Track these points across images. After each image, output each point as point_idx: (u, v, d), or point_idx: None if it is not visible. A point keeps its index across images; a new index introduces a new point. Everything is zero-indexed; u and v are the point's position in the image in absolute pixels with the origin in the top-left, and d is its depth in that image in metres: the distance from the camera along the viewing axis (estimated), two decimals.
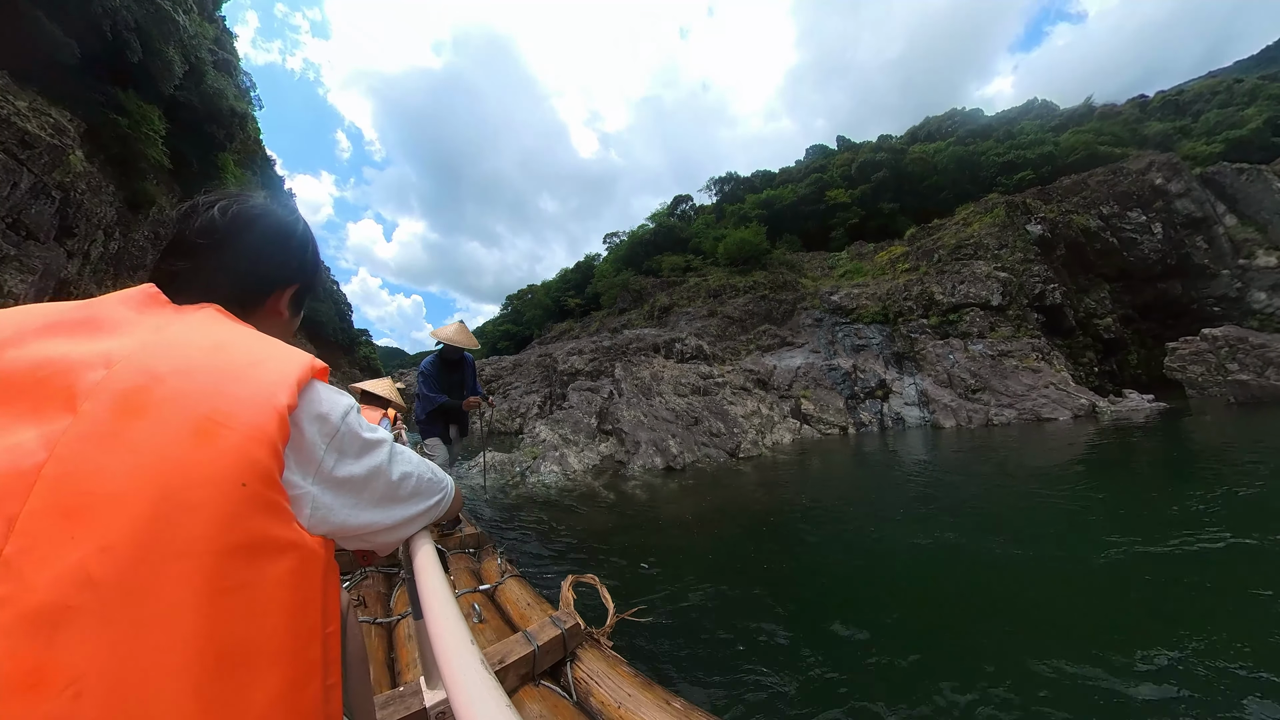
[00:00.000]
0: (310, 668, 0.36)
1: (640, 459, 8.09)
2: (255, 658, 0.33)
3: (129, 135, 16.24)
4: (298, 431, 0.41)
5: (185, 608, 0.31)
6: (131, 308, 0.45)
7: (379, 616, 1.85)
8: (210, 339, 0.43)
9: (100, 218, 15.82)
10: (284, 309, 0.59)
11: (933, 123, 39.74)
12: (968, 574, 3.80)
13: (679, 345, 15.81)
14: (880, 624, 3.04)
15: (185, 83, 18.26)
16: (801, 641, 2.86)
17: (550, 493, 7.44)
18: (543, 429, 8.47)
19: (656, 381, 10.23)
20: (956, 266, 19.72)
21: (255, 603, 0.34)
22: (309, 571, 0.38)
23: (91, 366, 0.37)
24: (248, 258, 0.54)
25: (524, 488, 7.78)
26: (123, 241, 17.10)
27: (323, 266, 0.67)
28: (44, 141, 12.36)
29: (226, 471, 0.34)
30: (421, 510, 0.57)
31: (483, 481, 7.58)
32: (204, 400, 0.36)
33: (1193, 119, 34.60)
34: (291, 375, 0.41)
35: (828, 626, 3.02)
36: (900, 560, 4.16)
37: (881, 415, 14.69)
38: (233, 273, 0.53)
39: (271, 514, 0.36)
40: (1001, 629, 2.92)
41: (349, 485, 0.46)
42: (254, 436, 0.36)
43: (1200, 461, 7.04)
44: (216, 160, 20.64)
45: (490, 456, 8.62)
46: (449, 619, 0.47)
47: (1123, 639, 2.66)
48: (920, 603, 3.37)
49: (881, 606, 3.32)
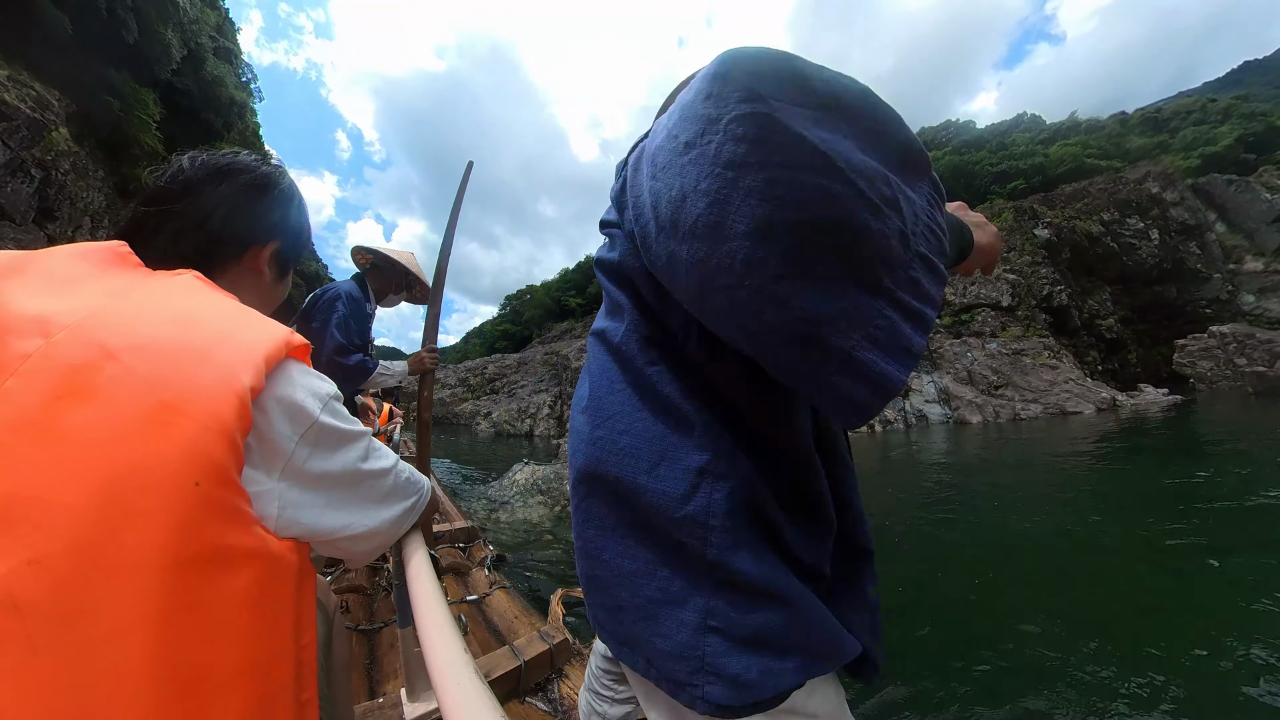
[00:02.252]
0: (280, 686, 0.32)
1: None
2: (216, 681, 0.29)
3: (121, 118, 15.42)
4: (263, 418, 0.34)
5: (131, 632, 0.26)
6: (90, 263, 0.38)
7: (360, 623, 1.74)
8: (177, 309, 0.36)
9: (86, 202, 14.90)
10: (264, 267, 0.53)
11: (928, 133, 41.05)
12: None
13: None
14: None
15: (183, 68, 17.56)
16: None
17: None
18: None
19: None
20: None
21: (215, 621, 0.29)
22: (276, 581, 0.33)
23: (22, 333, 0.31)
24: (220, 207, 0.48)
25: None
26: (111, 229, 16.15)
27: (308, 230, 0.60)
28: (22, 114, 11.56)
29: (178, 468, 0.29)
30: (398, 513, 0.51)
31: (536, 512, 5.14)
32: (159, 382, 0.30)
33: (1170, 135, 36.49)
34: (259, 352, 0.35)
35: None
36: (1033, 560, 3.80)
37: (905, 413, 14.61)
38: (202, 222, 0.47)
39: (229, 519, 0.31)
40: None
41: (321, 482, 0.39)
42: (209, 425, 0.30)
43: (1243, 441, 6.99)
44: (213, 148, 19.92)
45: (530, 470, 6.37)
46: (443, 628, 0.44)
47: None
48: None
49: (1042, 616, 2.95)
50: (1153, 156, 31.05)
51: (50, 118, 12.77)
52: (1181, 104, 40.03)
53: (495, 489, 6.13)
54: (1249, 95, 38.97)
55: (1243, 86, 65.21)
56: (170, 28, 16.24)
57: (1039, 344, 16.85)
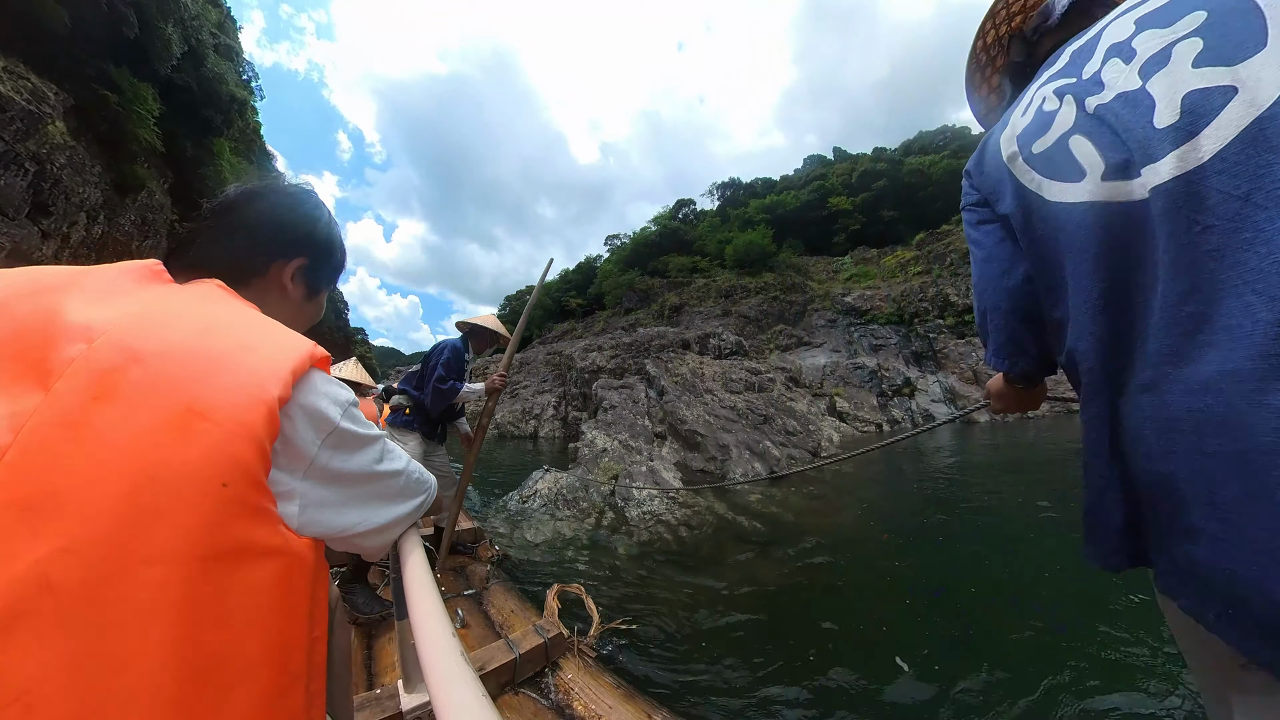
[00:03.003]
0: (294, 676, 0.34)
1: (738, 466, 6.29)
2: (234, 669, 0.31)
3: (119, 113, 15.21)
4: (290, 425, 0.38)
5: (156, 617, 0.28)
6: (130, 278, 0.42)
7: (358, 616, 1.82)
8: (203, 318, 0.39)
9: (83, 198, 14.63)
10: (288, 283, 0.56)
11: (925, 137, 41.49)
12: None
13: (714, 341, 15.37)
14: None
15: (183, 63, 17.38)
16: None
17: (679, 531, 4.50)
18: (597, 435, 6.68)
19: (698, 378, 9.62)
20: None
21: (235, 612, 0.31)
22: (295, 577, 0.35)
23: (73, 339, 0.34)
24: (248, 223, 0.53)
25: (630, 526, 4.71)
26: (108, 226, 15.83)
27: (341, 252, 0.62)
28: (17, 105, 11.33)
29: (206, 470, 0.31)
30: (409, 510, 0.54)
31: (568, 527, 4.65)
32: (185, 388, 0.33)
33: None
34: (286, 365, 0.38)
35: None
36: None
37: (911, 413, 14.64)
38: (231, 237, 0.51)
39: (255, 517, 0.33)
40: None
41: (340, 481, 0.43)
42: (238, 432, 0.33)
43: None
44: (212, 146, 19.62)
45: (552, 479, 5.73)
46: (435, 620, 0.46)
47: None
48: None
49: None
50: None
51: (47, 111, 12.54)
52: None
53: (515, 501, 5.47)
54: None
55: None
56: (171, 23, 16.07)
57: None
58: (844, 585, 3.32)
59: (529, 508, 5.21)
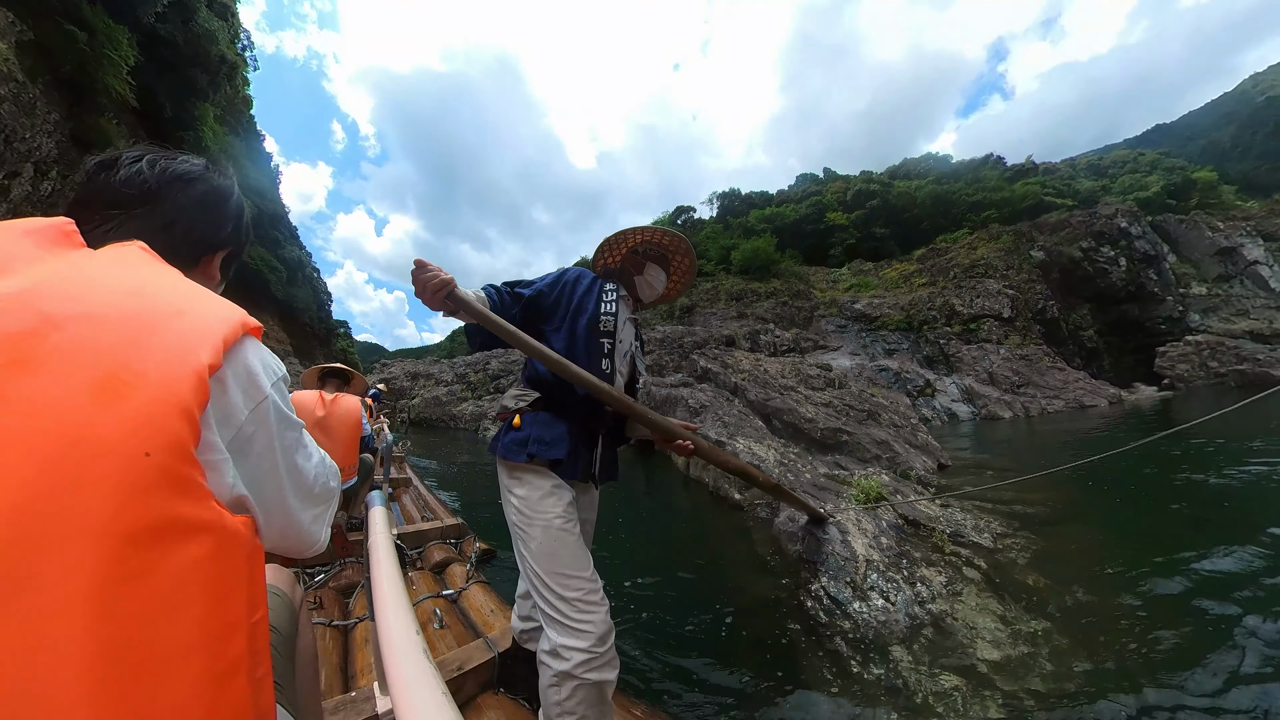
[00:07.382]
0: (234, 661, 0.32)
1: (912, 460, 5.22)
2: (164, 655, 0.28)
3: (87, 55, 13.24)
4: (221, 392, 0.36)
5: (76, 600, 0.26)
6: (35, 240, 0.38)
7: (335, 619, 1.79)
8: (129, 281, 0.37)
9: (31, 147, 12.52)
10: (216, 273, 0.56)
11: (910, 163, 44.42)
12: None
13: (765, 338, 14.89)
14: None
15: (170, 14, 15.62)
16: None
17: (1000, 560, 2.86)
18: (754, 447, 5.09)
19: (767, 375, 9.03)
20: (971, 283, 22.13)
21: (164, 593, 0.29)
22: (229, 556, 0.33)
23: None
24: (184, 216, 0.51)
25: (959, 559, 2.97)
26: (59, 183, 13.56)
27: (250, 231, 0.61)
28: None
29: (129, 439, 0.29)
30: (317, 513, 0.51)
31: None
32: (110, 353, 0.31)
33: (1111, 180, 41.59)
34: (218, 331, 0.36)
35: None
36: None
37: (937, 410, 14.95)
38: (167, 230, 0.49)
39: (182, 490, 0.31)
40: None
41: (262, 459, 0.41)
42: (165, 399, 0.31)
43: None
44: (195, 109, 17.59)
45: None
46: (400, 622, 0.45)
47: None
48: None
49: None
50: (1097, 198, 35.17)
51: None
52: (1119, 155, 46.16)
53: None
54: (1169, 152, 45.39)
55: (1155, 145, 76.05)
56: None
57: (1039, 350, 18.33)
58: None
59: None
